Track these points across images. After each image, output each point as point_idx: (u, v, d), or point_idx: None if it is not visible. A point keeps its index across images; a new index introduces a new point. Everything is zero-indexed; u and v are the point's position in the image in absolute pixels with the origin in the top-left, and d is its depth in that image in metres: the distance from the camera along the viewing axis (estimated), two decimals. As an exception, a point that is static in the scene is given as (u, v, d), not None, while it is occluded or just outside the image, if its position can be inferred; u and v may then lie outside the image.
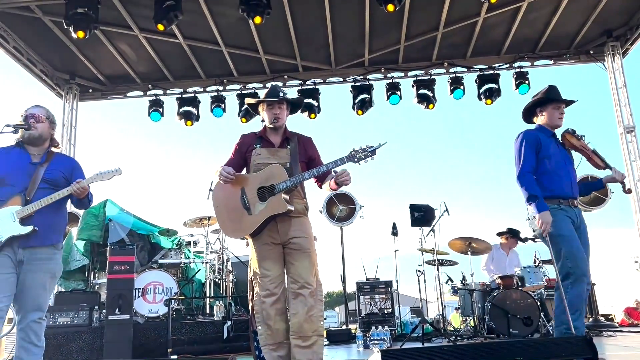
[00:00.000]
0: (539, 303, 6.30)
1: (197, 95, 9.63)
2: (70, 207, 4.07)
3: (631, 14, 8.32)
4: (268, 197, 3.45)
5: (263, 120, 3.80)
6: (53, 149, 3.73)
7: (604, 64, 9.02)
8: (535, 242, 7.61)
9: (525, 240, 7.81)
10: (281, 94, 3.75)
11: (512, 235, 8.01)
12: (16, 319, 3.44)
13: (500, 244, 8.11)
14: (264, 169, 3.56)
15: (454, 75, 9.27)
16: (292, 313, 3.41)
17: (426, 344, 6.14)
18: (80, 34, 6.97)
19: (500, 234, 8.11)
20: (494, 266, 7.96)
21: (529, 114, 4.22)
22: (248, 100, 4.00)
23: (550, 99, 4.08)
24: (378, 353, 2.56)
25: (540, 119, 4.12)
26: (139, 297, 6.66)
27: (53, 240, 3.50)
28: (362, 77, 9.42)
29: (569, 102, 4.13)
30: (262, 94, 3.98)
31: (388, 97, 9.24)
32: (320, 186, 3.76)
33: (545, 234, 3.71)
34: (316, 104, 9.39)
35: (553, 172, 3.86)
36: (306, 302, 3.37)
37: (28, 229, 3.35)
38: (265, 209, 3.44)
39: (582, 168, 4.21)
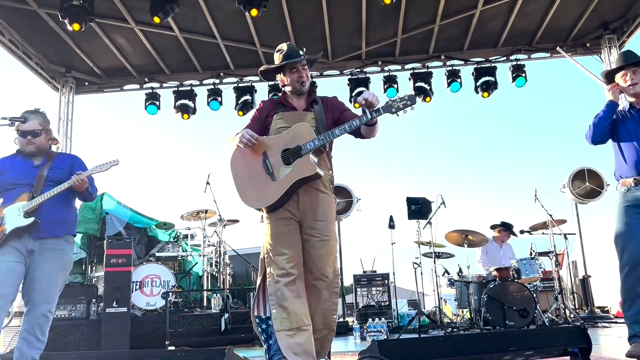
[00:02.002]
0: (535, 295, 6.34)
1: (193, 88, 9.60)
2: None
3: (628, 7, 8.31)
4: (294, 160, 3.09)
5: (284, 86, 3.41)
6: (52, 149, 3.80)
7: (600, 57, 9.02)
8: (531, 234, 7.69)
9: (521, 232, 7.87)
10: (301, 52, 3.34)
11: (505, 228, 8.06)
12: (12, 312, 3.46)
13: (493, 237, 8.15)
14: (287, 129, 3.19)
15: (451, 68, 9.26)
16: None
17: (422, 336, 6.17)
18: (76, 26, 6.94)
19: (493, 227, 8.15)
20: (487, 259, 8.01)
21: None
22: (264, 67, 3.47)
23: (614, 70, 3.79)
24: (374, 343, 2.57)
25: None
26: (136, 290, 6.68)
27: (62, 232, 3.58)
28: (359, 70, 9.41)
29: (625, 65, 3.70)
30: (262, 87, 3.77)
31: (385, 90, 9.22)
32: (356, 136, 3.32)
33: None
34: (313, 97, 9.35)
35: (627, 150, 3.63)
36: (320, 295, 3.14)
37: (29, 220, 3.41)
38: (291, 172, 3.08)
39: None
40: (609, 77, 3.84)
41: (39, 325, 3.39)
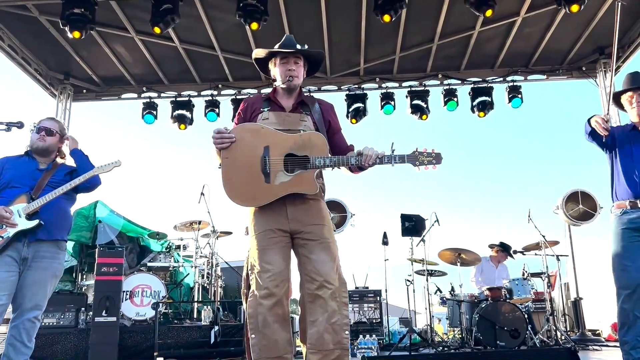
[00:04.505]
0: (526, 316, 6.33)
1: (191, 99, 9.61)
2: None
3: (623, 32, 8.42)
4: (296, 170, 2.81)
5: (274, 80, 3.14)
6: (59, 160, 3.87)
7: (595, 81, 9.12)
8: (524, 255, 7.70)
9: (515, 252, 7.88)
10: (298, 46, 3.06)
11: (503, 249, 8.06)
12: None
13: (490, 257, 8.16)
14: (301, 133, 2.88)
15: (448, 87, 9.33)
16: (310, 320, 2.76)
17: (413, 354, 6.13)
18: (77, 34, 6.96)
19: (491, 247, 8.15)
20: (482, 278, 8.00)
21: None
22: (257, 53, 3.19)
23: (619, 92, 3.78)
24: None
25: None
26: (126, 299, 6.62)
27: (59, 236, 3.60)
28: (356, 86, 9.46)
29: (631, 88, 3.70)
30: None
31: (382, 107, 9.27)
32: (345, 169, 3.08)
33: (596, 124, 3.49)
34: (310, 112, 9.38)
35: (624, 172, 3.60)
36: (327, 307, 2.71)
37: (34, 222, 3.43)
38: (289, 182, 2.80)
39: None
40: (616, 98, 3.86)
41: (25, 331, 3.38)
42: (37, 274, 3.45)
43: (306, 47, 3.09)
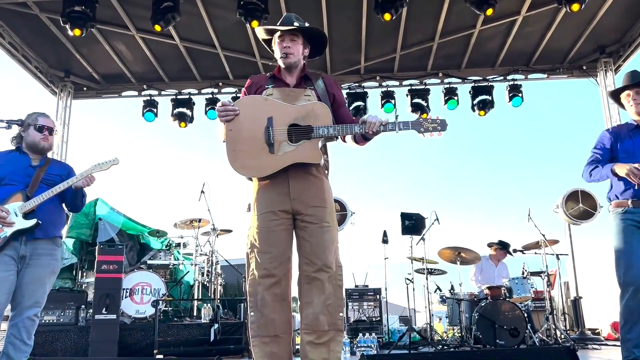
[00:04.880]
0: (526, 315, 6.33)
1: (191, 97, 9.62)
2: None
3: (624, 31, 8.43)
4: (300, 140, 2.80)
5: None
6: (48, 154, 3.83)
7: (596, 80, 9.12)
8: (524, 254, 7.70)
9: (514, 251, 7.89)
10: (296, 23, 3.05)
11: (502, 247, 8.06)
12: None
13: (489, 255, 8.16)
14: (304, 103, 2.90)
15: (448, 85, 9.34)
16: (306, 302, 2.77)
17: (412, 352, 6.14)
18: (77, 31, 6.97)
19: (490, 245, 8.16)
20: (482, 277, 8.00)
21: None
22: (258, 33, 3.29)
23: (618, 90, 3.77)
24: (364, 358, 2.56)
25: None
26: (126, 297, 6.62)
27: (56, 234, 3.62)
28: (357, 84, 9.47)
29: (630, 85, 3.68)
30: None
31: (382, 105, 9.27)
32: (343, 140, 3.09)
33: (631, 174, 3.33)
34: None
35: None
36: (323, 289, 2.73)
37: (32, 222, 3.42)
38: (293, 152, 2.79)
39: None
40: (615, 95, 3.85)
41: (25, 329, 3.39)
42: (35, 271, 3.45)
43: (307, 24, 3.08)
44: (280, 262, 2.76)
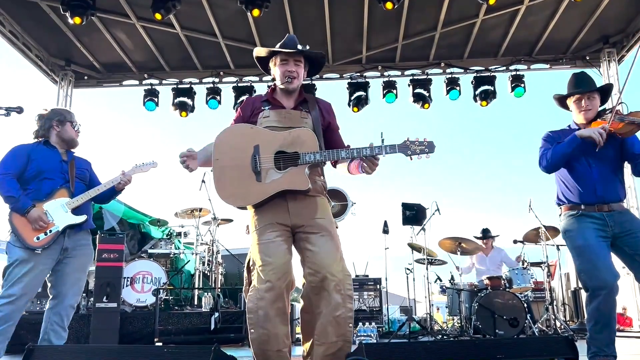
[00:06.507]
0: (525, 305, 6.35)
1: (192, 86, 9.59)
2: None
3: (628, 21, 8.36)
4: (287, 167, 2.78)
5: (274, 79, 3.09)
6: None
7: (599, 70, 9.06)
8: (524, 244, 7.70)
9: (514, 242, 7.88)
10: (300, 46, 3.00)
11: (483, 235, 8.09)
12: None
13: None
14: (290, 130, 2.85)
15: (450, 75, 9.29)
16: (317, 312, 2.71)
17: (412, 342, 6.17)
18: (77, 20, 6.95)
19: (476, 239, 8.13)
20: (479, 270, 8.00)
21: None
22: (258, 52, 3.14)
23: (565, 95, 3.64)
24: (362, 346, 2.57)
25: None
26: (127, 286, 6.66)
27: (93, 226, 3.84)
28: (358, 74, 9.42)
29: (584, 91, 3.54)
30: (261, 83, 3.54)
31: (384, 95, 9.24)
32: (334, 165, 3.08)
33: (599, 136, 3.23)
34: (312, 99, 9.35)
35: (575, 178, 3.48)
36: (330, 299, 2.65)
37: (82, 217, 3.64)
38: (280, 180, 2.76)
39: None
40: (562, 101, 3.70)
41: (67, 317, 3.59)
42: (79, 261, 3.64)
43: (307, 47, 3.04)
44: (282, 273, 2.69)
